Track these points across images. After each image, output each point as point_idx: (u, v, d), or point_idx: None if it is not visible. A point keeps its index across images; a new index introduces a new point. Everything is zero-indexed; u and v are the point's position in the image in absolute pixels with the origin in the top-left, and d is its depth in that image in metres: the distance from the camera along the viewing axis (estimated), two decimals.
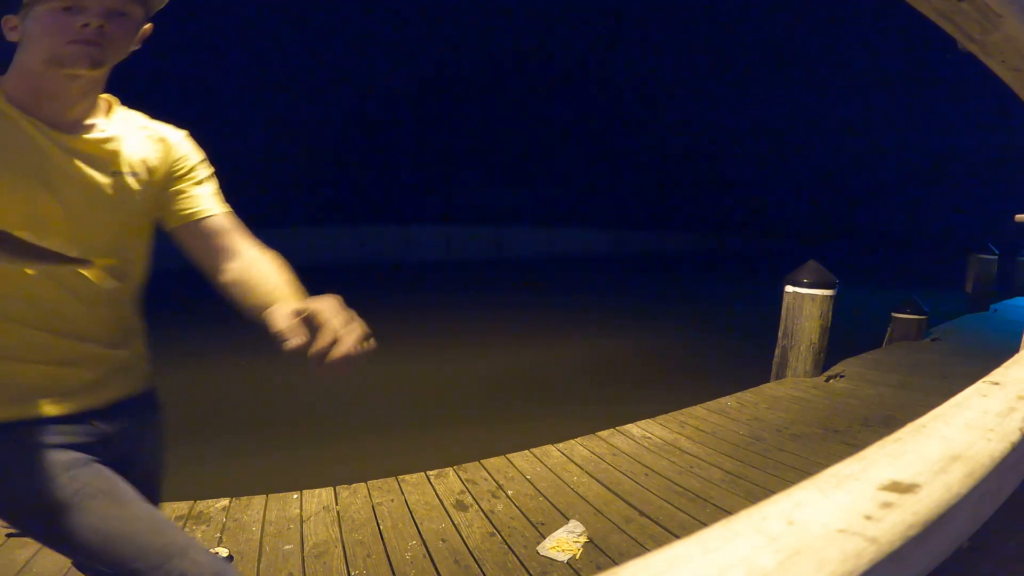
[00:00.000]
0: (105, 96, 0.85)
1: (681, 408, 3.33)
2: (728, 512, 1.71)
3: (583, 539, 1.90)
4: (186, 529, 1.91)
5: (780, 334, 4.11)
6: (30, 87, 0.76)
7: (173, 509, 2.04)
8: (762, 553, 0.19)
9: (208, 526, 1.94)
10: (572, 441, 2.79)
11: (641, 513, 2.13)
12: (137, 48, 0.81)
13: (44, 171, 0.75)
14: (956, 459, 0.28)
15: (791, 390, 3.77)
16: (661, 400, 3.55)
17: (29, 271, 0.73)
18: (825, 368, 4.12)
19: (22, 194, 0.73)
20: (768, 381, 4.07)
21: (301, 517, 2.02)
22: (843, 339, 4.47)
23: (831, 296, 3.94)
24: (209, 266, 0.87)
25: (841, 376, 4.04)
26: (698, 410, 3.32)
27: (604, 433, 2.91)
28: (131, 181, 0.83)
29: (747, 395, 3.66)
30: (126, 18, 0.77)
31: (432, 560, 1.79)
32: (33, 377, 0.77)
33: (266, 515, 2.02)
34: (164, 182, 0.88)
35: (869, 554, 0.20)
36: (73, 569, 1.65)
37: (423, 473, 2.38)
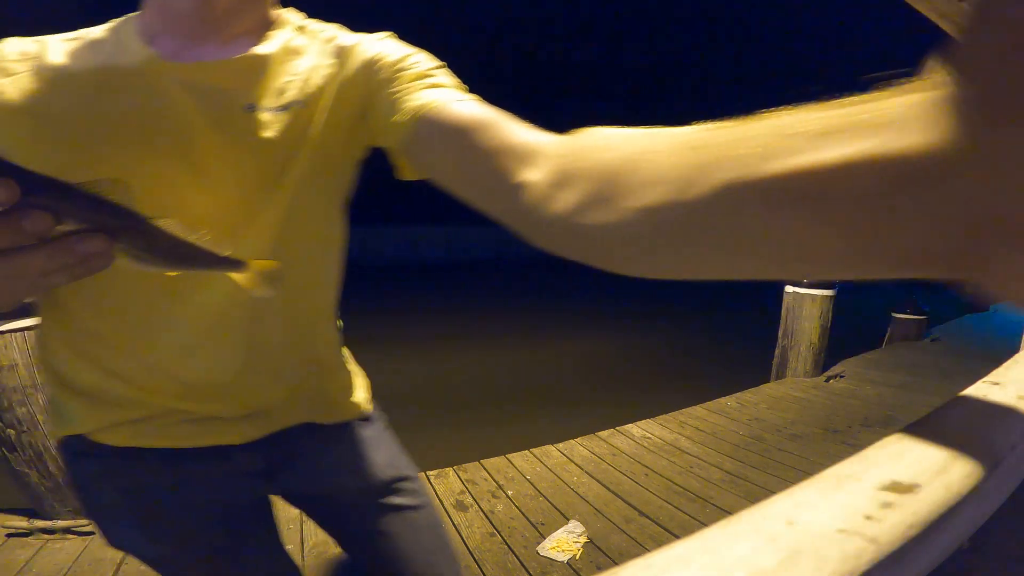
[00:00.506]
0: (276, 11, 0.60)
1: (681, 408, 3.33)
2: (728, 512, 1.70)
3: (583, 539, 1.90)
4: None
5: (780, 334, 4.11)
6: (157, 10, 0.55)
7: None
8: (763, 553, 0.19)
9: None
10: (572, 441, 2.79)
11: (641, 513, 2.13)
12: None
13: (180, 133, 0.51)
14: (956, 459, 0.28)
15: (791, 390, 3.77)
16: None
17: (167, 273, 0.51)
18: (825, 368, 4.12)
19: (151, 164, 0.51)
20: (768, 381, 4.07)
21: (301, 517, 2.02)
22: (843, 339, 4.48)
23: (831, 296, 3.94)
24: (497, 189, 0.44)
25: (841, 376, 4.04)
26: (698, 410, 3.32)
27: (604, 433, 2.91)
28: (302, 115, 0.55)
29: (747, 395, 3.66)
30: None
31: None
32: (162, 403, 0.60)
33: None
34: (358, 104, 0.57)
35: (869, 554, 0.20)
36: (73, 570, 1.65)
37: (423, 473, 2.38)
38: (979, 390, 0.41)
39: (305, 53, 0.58)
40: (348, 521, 0.75)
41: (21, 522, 1.83)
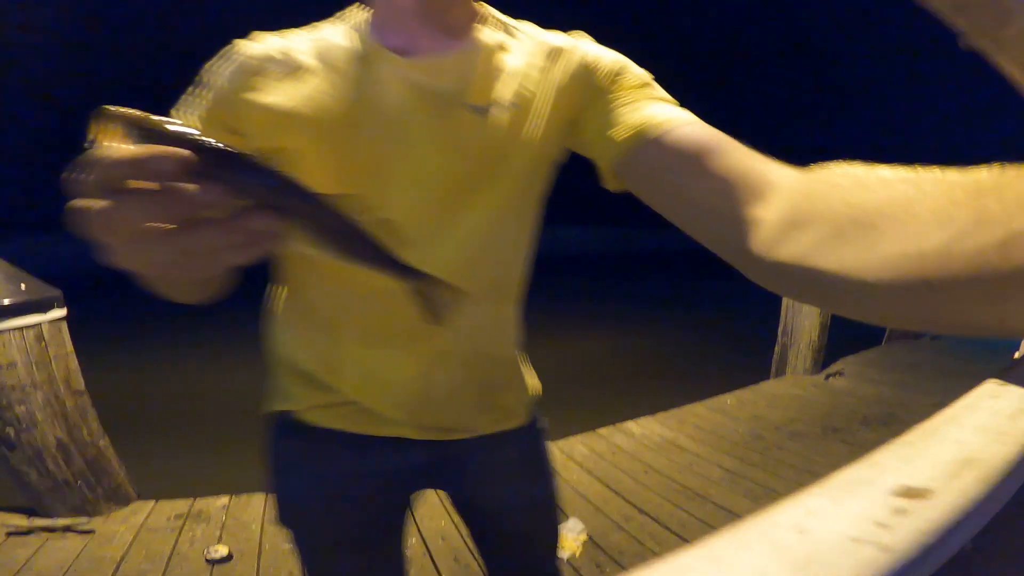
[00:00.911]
0: (479, 6, 0.60)
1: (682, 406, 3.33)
2: (728, 510, 1.70)
3: (583, 537, 1.90)
4: (186, 527, 1.91)
5: (779, 332, 4.11)
6: (385, 10, 0.56)
7: (173, 507, 2.04)
8: (772, 564, 0.19)
9: (208, 524, 1.94)
10: (572, 439, 2.79)
11: (641, 511, 2.13)
12: None
13: (393, 127, 0.52)
14: (969, 463, 0.27)
15: (791, 388, 3.77)
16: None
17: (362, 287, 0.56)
18: (824, 366, 4.12)
19: (366, 155, 0.52)
20: (767, 379, 4.07)
21: None
22: (842, 337, 4.47)
23: None
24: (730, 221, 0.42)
25: (840, 374, 4.04)
26: (698, 408, 3.32)
27: (604, 431, 2.91)
28: (518, 117, 0.54)
29: (746, 393, 3.66)
30: None
31: (432, 558, 1.79)
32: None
33: (266, 513, 2.02)
34: (571, 109, 0.56)
35: (883, 563, 0.19)
36: (73, 568, 1.65)
37: None
38: (988, 391, 0.40)
39: (514, 51, 0.58)
40: (484, 517, 0.78)
41: (21, 520, 1.83)
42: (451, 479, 0.72)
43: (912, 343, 5.29)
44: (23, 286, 1.79)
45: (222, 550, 1.75)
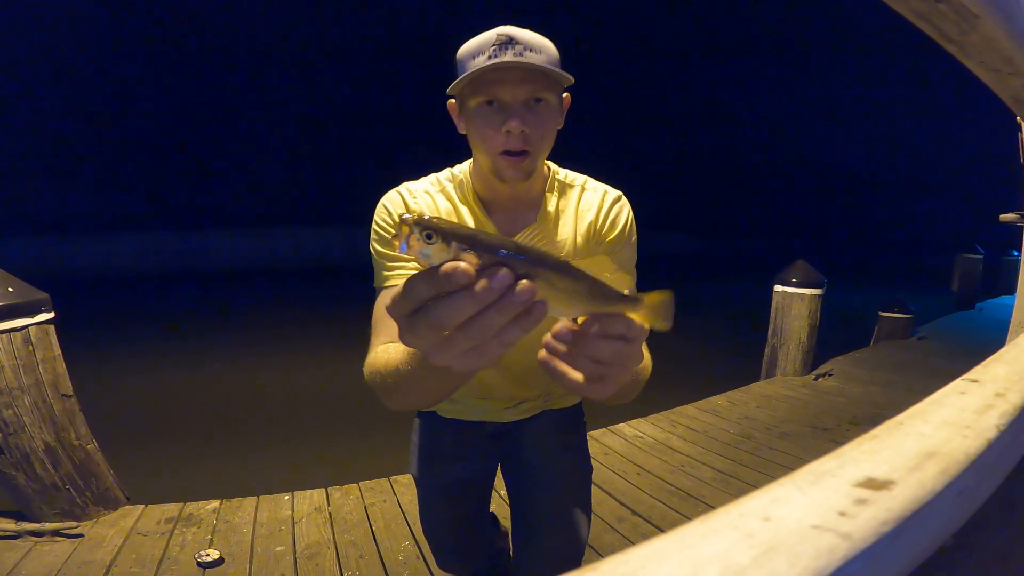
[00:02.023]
0: (545, 170, 0.91)
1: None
2: None
3: None
4: (176, 531, 1.90)
5: (769, 333, 4.15)
6: (484, 183, 0.87)
7: (163, 511, 2.03)
8: (738, 549, 0.20)
9: (199, 528, 1.93)
10: None
11: (633, 512, 2.14)
12: (561, 125, 0.85)
13: None
14: (931, 456, 0.28)
15: (781, 389, 3.80)
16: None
17: None
18: (814, 367, 4.16)
19: None
20: (758, 380, 4.10)
21: (293, 518, 2.01)
22: (831, 338, 4.52)
23: (819, 295, 3.98)
24: None
25: (829, 375, 4.08)
26: (689, 409, 3.34)
27: (596, 432, 2.92)
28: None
29: (737, 394, 3.69)
30: (545, 104, 0.78)
31: (426, 561, 1.79)
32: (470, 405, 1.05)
33: (257, 517, 2.01)
34: (589, 251, 0.90)
35: (843, 550, 0.21)
36: (62, 572, 1.63)
37: None
38: (957, 387, 0.42)
39: (566, 216, 0.91)
40: (526, 476, 1.11)
41: (9, 524, 1.81)
42: (508, 444, 1.10)
43: (900, 344, 5.35)
44: (10, 289, 1.77)
45: (213, 554, 1.74)
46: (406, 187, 0.91)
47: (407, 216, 0.36)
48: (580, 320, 0.44)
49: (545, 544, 1.06)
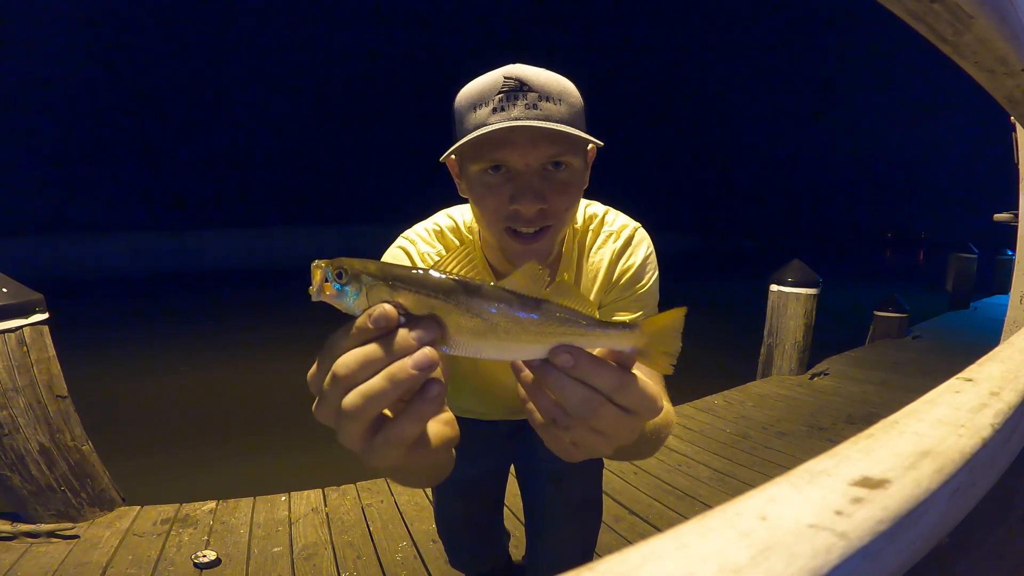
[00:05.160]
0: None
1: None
2: None
3: None
4: (173, 532, 1.89)
5: (765, 332, 4.16)
6: (493, 252, 0.78)
7: (159, 512, 2.02)
8: (735, 548, 0.20)
9: (195, 529, 1.92)
10: None
11: (631, 511, 2.14)
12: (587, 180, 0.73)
13: None
14: (926, 455, 0.29)
15: (776, 388, 3.81)
16: None
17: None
18: (809, 366, 4.17)
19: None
20: (754, 379, 4.11)
21: (290, 519, 2.01)
22: (827, 337, 4.53)
23: (815, 295, 3.99)
24: None
25: (825, 374, 4.10)
26: (686, 408, 3.35)
27: None
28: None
29: (734, 393, 3.70)
30: (566, 168, 0.64)
31: (423, 561, 1.79)
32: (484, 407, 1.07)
33: (254, 517, 2.01)
34: (598, 295, 0.85)
35: (839, 549, 0.21)
36: (58, 574, 1.63)
37: None
38: (952, 386, 0.42)
39: (582, 271, 0.85)
40: (539, 474, 1.12)
41: (4, 526, 1.80)
42: (520, 441, 1.11)
43: (895, 343, 5.37)
44: (4, 290, 1.76)
45: (210, 555, 1.73)
46: (408, 238, 0.81)
47: (323, 262, 0.35)
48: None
49: (557, 539, 1.08)
